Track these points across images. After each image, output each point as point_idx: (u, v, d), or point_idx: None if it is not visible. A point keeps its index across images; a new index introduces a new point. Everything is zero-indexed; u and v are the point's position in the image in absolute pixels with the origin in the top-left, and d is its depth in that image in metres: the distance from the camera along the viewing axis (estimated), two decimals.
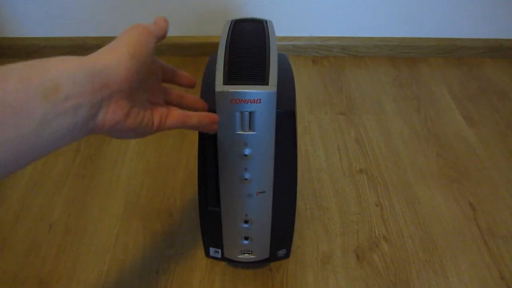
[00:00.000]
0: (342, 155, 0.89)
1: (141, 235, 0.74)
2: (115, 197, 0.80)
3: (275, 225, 0.62)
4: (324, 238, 0.74)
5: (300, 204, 0.79)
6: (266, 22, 0.58)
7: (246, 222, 0.60)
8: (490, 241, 0.74)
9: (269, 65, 0.49)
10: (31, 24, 1.15)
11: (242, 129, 0.50)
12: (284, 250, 0.68)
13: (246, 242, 0.63)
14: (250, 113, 0.48)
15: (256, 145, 0.51)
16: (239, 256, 0.65)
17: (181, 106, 0.47)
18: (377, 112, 1.01)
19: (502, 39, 1.20)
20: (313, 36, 1.19)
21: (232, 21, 0.58)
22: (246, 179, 0.54)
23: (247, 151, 0.52)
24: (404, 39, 1.19)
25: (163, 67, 0.47)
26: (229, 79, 0.47)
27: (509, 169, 0.87)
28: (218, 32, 0.56)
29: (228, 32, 0.55)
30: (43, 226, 0.75)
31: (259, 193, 0.56)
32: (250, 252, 0.65)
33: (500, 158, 0.90)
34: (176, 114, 0.42)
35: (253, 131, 0.50)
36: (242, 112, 0.48)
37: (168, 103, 0.46)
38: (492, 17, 1.16)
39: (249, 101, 0.47)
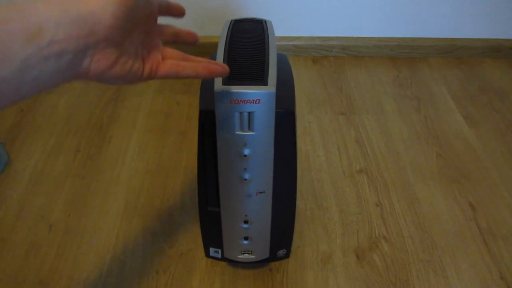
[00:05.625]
0: (342, 155, 0.89)
1: (141, 235, 0.74)
2: (115, 197, 0.80)
3: (275, 225, 0.62)
4: (324, 238, 0.74)
5: (300, 204, 0.79)
6: (265, 22, 0.58)
7: (245, 222, 0.60)
8: (490, 241, 0.74)
9: (268, 65, 0.49)
10: None
11: (241, 129, 0.50)
12: (284, 250, 0.68)
13: (246, 242, 0.63)
14: (249, 113, 0.48)
15: (256, 145, 0.51)
16: (239, 256, 0.65)
17: (177, 42, 0.42)
18: (377, 112, 1.01)
19: (502, 39, 1.20)
20: (313, 36, 1.19)
21: (231, 21, 0.58)
22: (245, 179, 0.54)
23: (246, 151, 0.52)
24: (404, 39, 1.19)
25: (160, 8, 0.40)
26: (228, 79, 0.47)
27: (509, 169, 0.87)
28: (218, 32, 0.56)
29: (228, 32, 0.55)
30: (43, 226, 0.75)
31: (259, 193, 0.56)
32: (250, 252, 0.65)
33: (500, 158, 0.90)
34: (168, 64, 0.39)
35: (252, 131, 0.50)
36: (241, 113, 0.48)
37: (164, 42, 0.41)
38: (492, 17, 1.16)
39: (248, 101, 0.47)
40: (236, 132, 0.50)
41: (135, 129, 0.95)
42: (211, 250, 0.67)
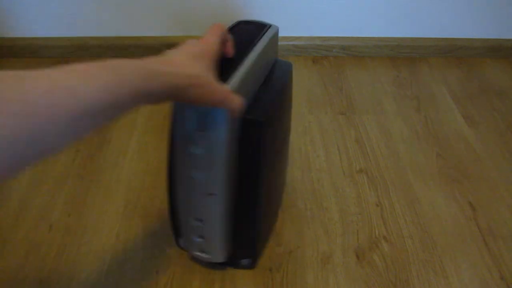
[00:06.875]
0: (342, 155, 0.89)
1: (141, 235, 0.74)
2: (115, 197, 0.80)
3: (232, 231, 0.61)
4: (324, 238, 0.74)
5: (300, 204, 0.79)
6: (269, 27, 0.58)
7: (197, 220, 0.59)
8: (490, 241, 0.74)
9: (240, 68, 0.49)
10: (31, 24, 1.15)
11: (194, 127, 0.49)
12: (249, 259, 0.66)
13: (199, 240, 0.62)
14: (202, 112, 0.48)
15: (207, 145, 0.50)
16: (196, 253, 0.64)
17: None
18: (377, 112, 1.01)
19: (502, 39, 1.20)
20: (313, 36, 1.19)
21: (237, 22, 0.58)
22: (195, 179, 0.53)
23: (197, 151, 0.51)
24: (404, 39, 1.19)
25: None
26: None
27: (509, 169, 0.87)
28: None
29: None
30: (43, 226, 0.75)
31: (209, 194, 0.54)
32: (205, 251, 0.63)
33: (500, 158, 0.90)
34: None
35: (204, 131, 0.49)
36: (195, 110, 0.48)
37: None
38: (492, 17, 1.16)
39: None
40: (189, 129, 0.49)
41: (135, 129, 0.95)
42: (180, 240, 0.67)
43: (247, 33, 0.56)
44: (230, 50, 0.51)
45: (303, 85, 1.10)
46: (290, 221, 0.76)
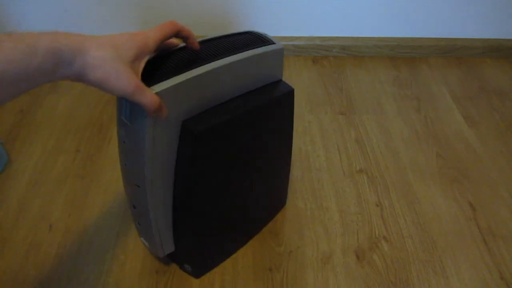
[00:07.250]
0: (342, 155, 0.89)
1: None
2: (115, 196, 0.80)
3: (169, 229, 0.61)
4: (324, 238, 0.74)
5: (300, 204, 0.79)
6: (270, 44, 0.56)
7: (133, 207, 0.59)
8: (490, 241, 0.74)
9: (183, 75, 0.48)
10: (32, 24, 1.15)
11: (126, 116, 0.50)
12: (189, 266, 0.66)
13: (138, 226, 0.62)
14: (130, 104, 0.48)
15: (131, 137, 0.51)
16: (141, 238, 0.65)
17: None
18: (377, 112, 1.01)
19: (502, 39, 1.20)
20: (313, 36, 1.19)
21: (244, 31, 0.57)
22: (125, 166, 0.55)
23: (125, 140, 0.52)
24: (404, 39, 1.19)
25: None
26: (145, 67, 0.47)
27: (509, 169, 0.87)
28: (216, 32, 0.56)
29: (220, 35, 0.55)
30: (43, 226, 0.75)
31: (135, 185, 0.55)
32: (145, 239, 0.64)
33: (500, 158, 0.90)
34: None
35: (130, 122, 0.50)
36: (126, 100, 0.48)
37: None
38: (492, 17, 1.16)
39: None
40: (122, 117, 0.50)
41: None
42: None
43: (236, 42, 0.54)
44: (195, 44, 0.50)
45: (303, 85, 1.10)
46: (290, 221, 0.76)
